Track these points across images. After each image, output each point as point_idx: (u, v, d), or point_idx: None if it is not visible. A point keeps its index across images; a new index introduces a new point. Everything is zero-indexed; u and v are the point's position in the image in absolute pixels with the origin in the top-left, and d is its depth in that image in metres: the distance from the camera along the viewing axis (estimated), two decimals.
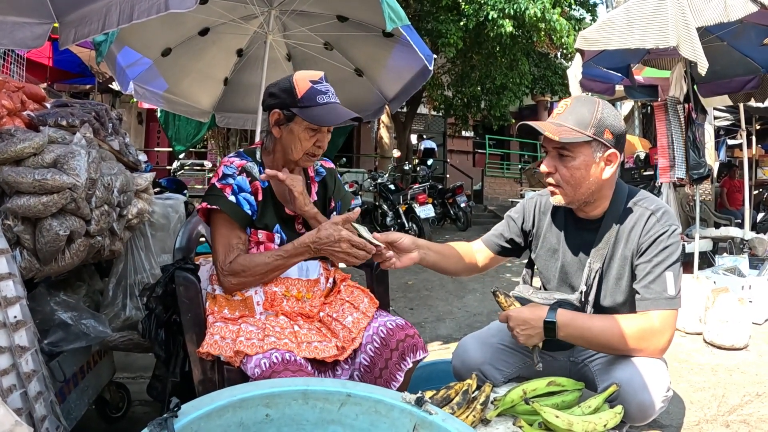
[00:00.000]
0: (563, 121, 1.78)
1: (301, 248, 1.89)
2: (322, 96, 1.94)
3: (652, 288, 1.76)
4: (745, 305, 4.29)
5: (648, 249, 1.80)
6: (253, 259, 1.91)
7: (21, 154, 1.97)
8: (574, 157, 1.77)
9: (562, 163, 1.80)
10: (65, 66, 8.77)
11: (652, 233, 1.80)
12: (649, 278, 1.78)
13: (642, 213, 1.85)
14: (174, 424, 1.10)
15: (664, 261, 1.78)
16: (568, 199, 1.85)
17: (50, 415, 1.86)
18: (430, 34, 10.73)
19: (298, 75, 1.98)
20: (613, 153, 1.78)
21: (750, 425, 2.88)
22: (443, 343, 4.45)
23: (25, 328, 1.80)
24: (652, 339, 1.74)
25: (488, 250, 2.21)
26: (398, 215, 10.38)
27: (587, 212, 1.92)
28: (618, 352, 1.78)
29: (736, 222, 8.06)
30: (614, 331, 1.73)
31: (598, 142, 1.75)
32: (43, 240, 1.98)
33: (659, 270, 1.77)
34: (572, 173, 1.78)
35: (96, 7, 2.51)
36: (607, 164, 1.79)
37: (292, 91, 1.94)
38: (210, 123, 6.25)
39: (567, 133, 1.74)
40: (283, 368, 1.68)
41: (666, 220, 1.81)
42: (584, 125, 1.74)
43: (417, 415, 1.31)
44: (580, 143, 1.75)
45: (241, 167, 1.99)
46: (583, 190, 1.81)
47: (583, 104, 1.79)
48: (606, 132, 1.75)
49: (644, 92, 7.01)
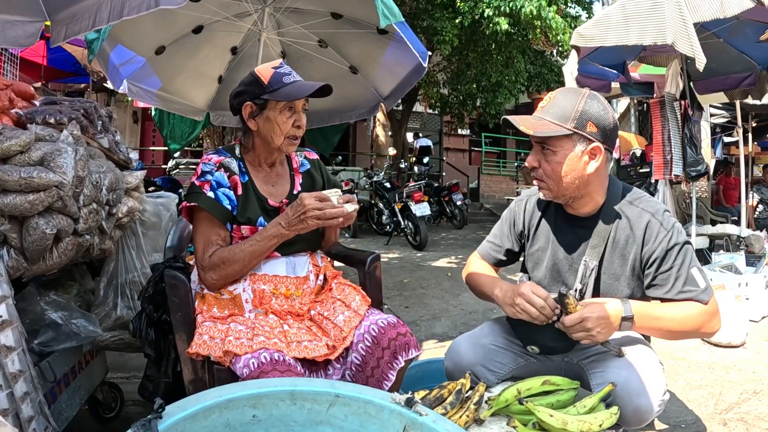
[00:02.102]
0: (544, 115, 1.75)
1: (273, 228, 1.89)
2: (287, 77, 1.97)
3: (688, 290, 1.74)
4: (741, 302, 4.29)
5: (665, 258, 1.77)
6: (231, 249, 1.91)
7: (8, 152, 1.95)
8: (555, 152, 1.74)
9: (545, 158, 1.77)
10: (60, 65, 8.74)
11: (661, 240, 1.77)
12: (680, 283, 1.75)
13: (640, 215, 1.81)
14: (158, 426, 1.08)
15: (685, 261, 1.76)
16: (552, 194, 1.82)
17: (38, 416, 1.84)
18: (425, 31, 10.73)
19: (259, 67, 2.03)
20: (597, 146, 1.73)
21: (747, 423, 2.87)
22: (438, 342, 4.43)
23: (11, 327, 1.78)
24: (712, 321, 1.75)
25: (487, 264, 2.19)
26: (394, 213, 10.36)
27: (577, 209, 1.89)
28: (683, 337, 1.88)
29: (732, 219, 8.08)
30: (681, 316, 1.73)
31: (580, 135, 1.72)
32: (30, 239, 1.95)
33: (685, 271, 1.75)
34: (553, 168, 1.76)
35: (87, 4, 2.51)
36: (591, 158, 1.75)
37: (258, 81, 1.98)
38: (205, 121, 6.22)
39: (545, 127, 1.71)
40: (272, 368, 1.66)
41: (668, 221, 1.79)
42: (564, 118, 1.71)
43: (407, 416, 1.29)
44: (561, 137, 1.72)
45: (219, 163, 1.99)
46: (565, 184, 1.77)
47: (566, 97, 1.76)
48: (589, 125, 1.71)
49: (640, 89, 7.01)
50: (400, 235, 10.45)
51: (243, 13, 4.86)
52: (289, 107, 1.97)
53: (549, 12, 9.54)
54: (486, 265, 2.18)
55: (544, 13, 9.48)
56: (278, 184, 2.12)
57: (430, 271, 7.52)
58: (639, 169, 8.41)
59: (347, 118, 5.99)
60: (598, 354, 1.90)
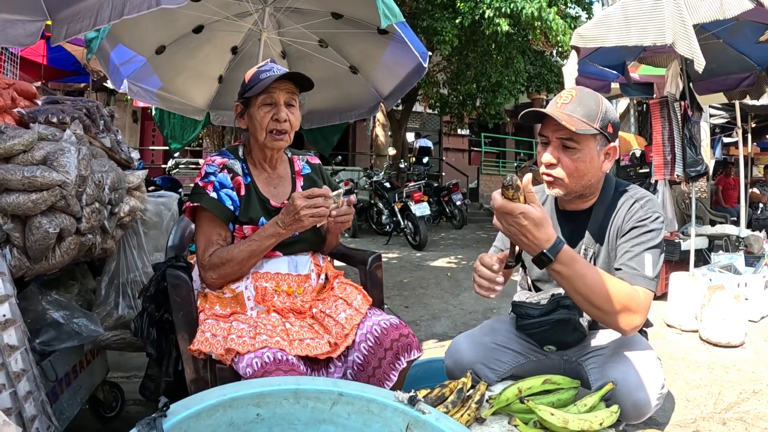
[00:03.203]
0: (572, 112, 1.74)
1: (271, 228, 1.91)
2: (265, 73, 2.03)
3: (630, 265, 1.73)
4: (741, 302, 4.29)
5: (630, 231, 1.79)
6: (230, 249, 1.93)
7: (11, 151, 1.95)
8: (580, 149, 1.75)
9: (566, 155, 1.77)
10: (60, 64, 8.72)
11: (636, 217, 1.80)
12: (627, 256, 1.75)
13: (626, 200, 1.86)
14: (163, 424, 1.08)
15: (645, 243, 1.76)
16: (566, 190, 1.82)
17: (41, 415, 1.84)
18: (425, 31, 10.72)
19: (249, 70, 2.10)
20: (613, 147, 1.79)
21: (746, 423, 2.88)
22: (438, 341, 4.44)
23: (14, 326, 1.78)
24: (632, 311, 1.62)
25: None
26: (394, 213, 10.35)
27: (577, 204, 1.91)
28: (597, 311, 1.62)
29: (731, 219, 8.08)
30: (604, 288, 1.60)
31: (602, 135, 1.75)
32: (33, 238, 1.96)
33: (639, 250, 1.75)
34: (577, 165, 1.76)
35: (88, 3, 2.51)
36: (606, 158, 1.80)
37: (243, 83, 2.08)
38: (205, 121, 6.22)
39: (579, 124, 1.71)
40: (275, 368, 1.67)
41: (650, 207, 1.81)
42: (592, 118, 1.73)
43: (410, 414, 1.29)
44: (588, 136, 1.74)
45: (222, 165, 2.03)
46: (584, 182, 1.80)
47: (589, 97, 1.78)
48: (609, 126, 1.76)
49: (640, 90, 7.01)
50: (399, 235, 10.44)
51: (243, 13, 4.86)
52: (267, 102, 2.02)
53: (549, 13, 9.53)
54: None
55: (544, 14, 9.47)
56: (280, 186, 2.14)
57: (429, 271, 7.52)
58: (638, 170, 8.41)
59: (347, 117, 5.98)
60: (597, 351, 1.92)
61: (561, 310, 1.87)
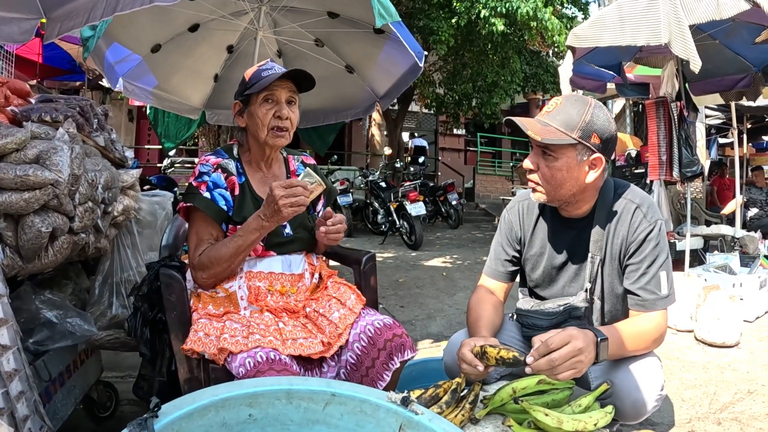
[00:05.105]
0: (550, 120, 1.73)
1: (254, 222, 1.88)
2: (267, 71, 2.03)
3: (649, 289, 1.77)
4: (736, 303, 4.30)
5: (639, 249, 1.79)
6: (217, 248, 1.92)
7: (3, 150, 1.94)
8: (557, 158, 1.74)
9: (545, 162, 1.77)
10: (55, 63, 8.68)
11: (640, 231, 1.79)
12: (644, 280, 1.78)
13: (627, 206, 1.84)
14: (154, 425, 1.08)
15: (657, 260, 1.78)
16: (547, 198, 1.82)
17: (33, 415, 1.83)
18: (421, 31, 10.71)
19: (249, 69, 2.11)
20: (599, 158, 1.74)
21: (741, 423, 2.88)
22: (434, 341, 4.43)
23: (6, 326, 1.77)
24: (661, 338, 1.79)
25: (501, 282, 2.11)
26: (389, 213, 10.34)
27: (570, 212, 1.91)
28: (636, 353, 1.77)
29: (726, 220, 8.10)
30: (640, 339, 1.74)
31: (583, 145, 1.72)
32: (26, 237, 1.94)
33: (654, 270, 1.77)
34: (553, 173, 1.76)
35: (83, 1, 2.51)
36: (592, 168, 1.76)
37: (243, 81, 2.08)
38: (200, 120, 6.20)
39: (551, 134, 1.70)
40: (268, 367, 1.66)
41: (652, 216, 1.81)
42: (570, 127, 1.70)
43: (403, 414, 1.29)
44: (564, 145, 1.72)
45: (216, 164, 2.03)
46: (563, 191, 1.78)
47: (573, 105, 1.74)
48: (593, 136, 1.71)
49: (636, 90, 7.01)
50: (395, 235, 10.43)
51: (239, 12, 4.84)
52: (268, 99, 2.01)
53: (545, 13, 9.53)
54: (489, 295, 2.08)
55: (540, 14, 9.46)
56: None
57: (425, 271, 7.52)
58: (634, 170, 8.42)
59: (343, 117, 5.97)
60: None
61: (572, 321, 1.86)
